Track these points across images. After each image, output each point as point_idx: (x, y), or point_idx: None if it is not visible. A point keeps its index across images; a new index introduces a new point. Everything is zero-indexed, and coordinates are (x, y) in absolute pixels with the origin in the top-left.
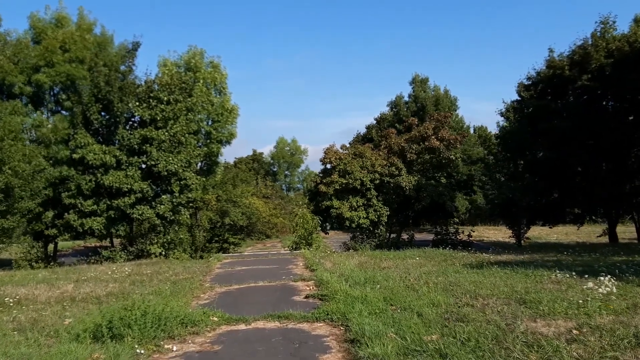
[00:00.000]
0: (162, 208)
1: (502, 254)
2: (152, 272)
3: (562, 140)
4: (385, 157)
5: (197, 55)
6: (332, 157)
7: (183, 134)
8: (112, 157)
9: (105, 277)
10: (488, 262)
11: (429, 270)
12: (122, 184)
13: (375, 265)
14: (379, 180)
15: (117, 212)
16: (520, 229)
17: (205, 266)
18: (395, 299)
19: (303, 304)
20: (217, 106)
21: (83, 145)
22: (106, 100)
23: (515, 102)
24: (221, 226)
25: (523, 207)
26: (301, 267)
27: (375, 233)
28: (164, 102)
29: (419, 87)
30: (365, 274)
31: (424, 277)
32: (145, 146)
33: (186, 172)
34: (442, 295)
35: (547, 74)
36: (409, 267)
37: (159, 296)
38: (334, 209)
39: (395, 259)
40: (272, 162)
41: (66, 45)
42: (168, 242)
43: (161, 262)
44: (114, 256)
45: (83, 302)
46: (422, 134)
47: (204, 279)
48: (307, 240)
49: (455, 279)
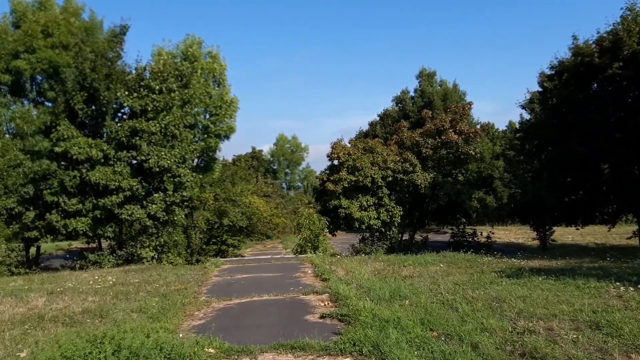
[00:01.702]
0: (154, 208)
1: (532, 259)
2: (140, 281)
3: (592, 133)
4: (397, 152)
5: (194, 44)
6: (340, 152)
7: (177, 127)
8: (98, 151)
9: (85, 288)
10: (520, 268)
11: (459, 280)
12: (109, 181)
13: (395, 274)
14: (392, 178)
15: (104, 212)
16: (545, 231)
17: (201, 273)
18: (434, 322)
19: (319, 326)
20: (215, 98)
21: (66, 137)
22: (92, 88)
23: (538, 93)
24: (219, 227)
25: (549, 207)
26: (310, 275)
27: (387, 235)
28: (155, 91)
29: (426, 82)
30: (387, 285)
31: (458, 290)
32: (134, 139)
33: (180, 169)
34: (489, 315)
35: (573, 62)
36: (434, 275)
37: (144, 315)
38: (342, 208)
39: (415, 266)
40: (272, 160)
41: (49, 30)
42: (161, 245)
43: (152, 268)
44: (101, 260)
45: (52, 323)
46: (439, 127)
47: (199, 290)
48: (313, 243)
49: (496, 293)
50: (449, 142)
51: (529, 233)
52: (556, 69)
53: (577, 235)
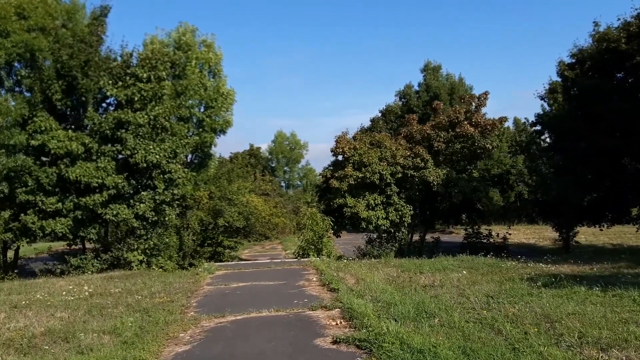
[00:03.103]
0: (142, 207)
1: (560, 263)
2: (122, 291)
3: (621, 124)
4: (407, 146)
5: (187, 32)
6: (345, 147)
7: (167, 118)
8: (79, 144)
9: (55, 300)
10: (554, 275)
11: (490, 290)
12: (91, 178)
13: (413, 282)
14: (401, 174)
15: (85, 212)
16: (569, 231)
17: (191, 281)
18: (480, 353)
19: (334, 356)
20: (210, 90)
21: (44, 130)
22: (70, 77)
23: (557, 83)
24: (214, 228)
25: (574, 206)
26: (315, 283)
27: (396, 236)
28: (143, 79)
29: (431, 75)
30: (409, 298)
31: (493, 304)
32: (120, 132)
33: (171, 164)
34: (546, 342)
35: (596, 49)
36: (458, 285)
37: (118, 338)
38: (347, 207)
39: (433, 272)
40: (270, 158)
41: (24, 12)
42: (150, 247)
43: (138, 275)
44: (84, 265)
45: (3, 349)
46: (452, 119)
47: (187, 302)
48: (317, 246)
49: (541, 308)
50: (463, 135)
51: (539, 232)
52: (577, 57)
53: (590, 235)
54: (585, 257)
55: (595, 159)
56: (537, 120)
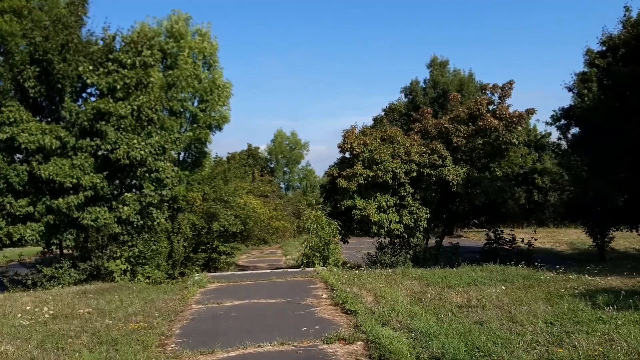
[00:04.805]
0: (125, 210)
1: (607, 275)
2: (92, 312)
3: None
4: (422, 142)
5: (180, 20)
6: (353, 142)
7: (154, 109)
8: (53, 138)
9: (6, 326)
10: (607, 290)
11: (543, 312)
12: (65, 177)
13: (444, 301)
14: (416, 173)
15: (59, 216)
16: (603, 236)
17: (178, 298)
18: None
19: None
20: (205, 82)
21: (13, 121)
22: (45, 61)
23: (593, 71)
24: (208, 232)
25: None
26: (326, 301)
27: (410, 242)
28: (127, 65)
29: (438, 71)
30: (448, 324)
31: (561, 336)
32: (100, 124)
33: (159, 162)
34: None
35: (631, 34)
36: (500, 304)
37: None
38: (357, 210)
39: (463, 286)
40: (270, 158)
41: None
42: (135, 255)
43: (118, 288)
44: (59, 275)
45: None
46: (473, 111)
47: (169, 329)
48: (322, 253)
49: (627, 343)
50: (486, 128)
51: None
52: (607, 44)
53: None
54: (628, 266)
55: (633, 155)
56: (563, 114)
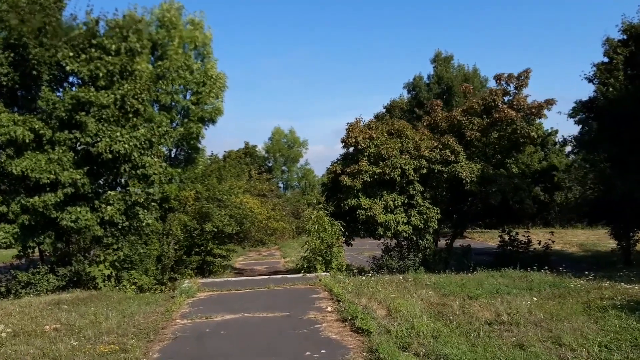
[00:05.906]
0: (109, 210)
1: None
2: (59, 330)
3: None
4: (431, 136)
5: (172, 10)
6: (358, 136)
7: (139, 99)
8: (27, 130)
9: None
10: None
11: (590, 331)
12: (41, 173)
13: (469, 315)
14: (426, 169)
15: (35, 216)
16: (629, 238)
17: (162, 310)
18: None
19: None
20: (197, 73)
21: None
22: (20, 46)
23: (619, 58)
24: (201, 234)
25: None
26: (332, 316)
27: (419, 244)
28: (111, 52)
29: (442, 66)
30: (482, 349)
31: None
32: (79, 115)
33: (145, 157)
34: None
35: None
36: (535, 320)
37: None
38: (362, 209)
39: (486, 296)
40: (267, 157)
41: None
42: (120, 260)
43: (95, 298)
44: (36, 282)
45: None
46: (488, 102)
47: (145, 354)
48: (325, 257)
49: None
50: (502, 120)
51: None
52: (629, 32)
53: None
54: None
55: None
56: (583, 107)
